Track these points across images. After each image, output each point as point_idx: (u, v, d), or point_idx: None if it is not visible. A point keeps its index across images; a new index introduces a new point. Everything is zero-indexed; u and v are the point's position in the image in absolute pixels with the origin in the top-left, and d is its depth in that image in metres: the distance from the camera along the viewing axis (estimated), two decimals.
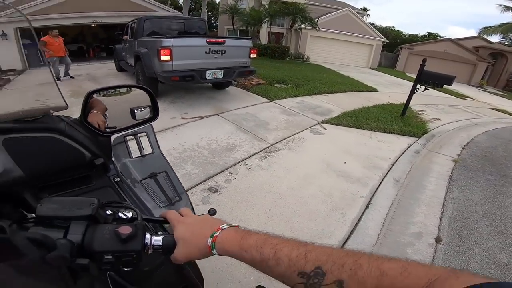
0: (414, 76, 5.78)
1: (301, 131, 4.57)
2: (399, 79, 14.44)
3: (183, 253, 0.48)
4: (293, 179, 3.08)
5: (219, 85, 6.47)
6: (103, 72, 8.46)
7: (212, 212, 0.60)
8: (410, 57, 21.24)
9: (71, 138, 0.68)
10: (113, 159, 0.82)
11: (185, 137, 3.87)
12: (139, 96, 0.82)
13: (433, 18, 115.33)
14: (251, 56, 5.64)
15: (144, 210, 0.79)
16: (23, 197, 0.65)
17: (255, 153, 3.62)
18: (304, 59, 17.48)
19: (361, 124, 5.12)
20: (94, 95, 0.79)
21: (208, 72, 5.02)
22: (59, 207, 0.46)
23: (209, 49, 5.00)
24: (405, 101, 5.90)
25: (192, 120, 4.55)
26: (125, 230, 0.45)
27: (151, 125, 0.92)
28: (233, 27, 17.38)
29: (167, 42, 4.60)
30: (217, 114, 4.87)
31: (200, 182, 2.82)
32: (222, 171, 3.07)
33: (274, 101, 6.08)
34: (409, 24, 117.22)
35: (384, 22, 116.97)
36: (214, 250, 0.46)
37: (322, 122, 5.09)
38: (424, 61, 5.37)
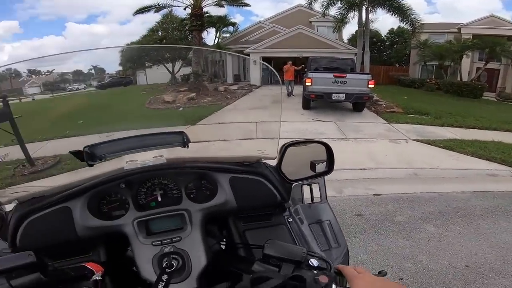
0: None
1: (381, 139, 6.11)
2: None
3: None
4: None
5: (356, 108, 8.75)
6: (300, 92, 10.44)
7: (383, 273, 0.64)
8: None
9: (271, 183, 0.86)
10: (290, 202, 0.96)
11: (305, 127, 6.95)
12: (318, 149, 0.93)
13: None
14: (370, 86, 7.99)
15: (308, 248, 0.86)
16: (228, 222, 0.89)
17: (330, 138, 5.81)
18: None
19: (457, 147, 5.38)
20: (290, 147, 0.90)
21: (333, 94, 7.98)
22: (279, 250, 0.60)
23: (335, 80, 7.95)
24: None
25: (316, 121, 7.52)
26: (324, 279, 0.53)
27: (324, 178, 1.04)
28: (424, 62, 18.22)
29: (310, 74, 8.26)
30: (334, 122, 7.53)
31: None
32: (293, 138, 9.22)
33: (391, 123, 7.48)
34: None
35: None
36: None
37: (413, 139, 6.08)
38: None
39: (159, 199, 0.82)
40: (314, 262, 0.61)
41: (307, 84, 8.18)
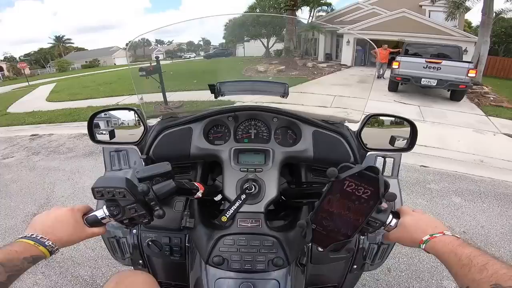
0: None
1: (464, 127, 5.61)
2: None
3: (397, 235, 0.63)
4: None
5: (453, 97, 8.20)
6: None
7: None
8: None
9: (348, 144, 0.94)
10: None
11: (382, 106, 6.82)
12: (402, 125, 0.98)
13: None
14: (470, 75, 7.48)
15: None
16: (299, 170, 0.99)
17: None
18: None
19: None
20: (374, 118, 0.97)
21: (423, 79, 7.72)
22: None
23: (427, 65, 7.72)
24: None
25: (398, 103, 7.43)
26: (386, 203, 0.60)
27: (401, 154, 1.04)
28: None
29: (398, 58, 8.32)
30: (418, 106, 7.11)
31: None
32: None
33: (488, 116, 6.64)
34: None
35: None
36: (423, 245, 0.57)
37: (504, 133, 5.41)
38: None
39: (252, 136, 0.98)
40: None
41: (394, 66, 8.35)
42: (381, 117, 1.00)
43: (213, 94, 1.01)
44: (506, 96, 9.08)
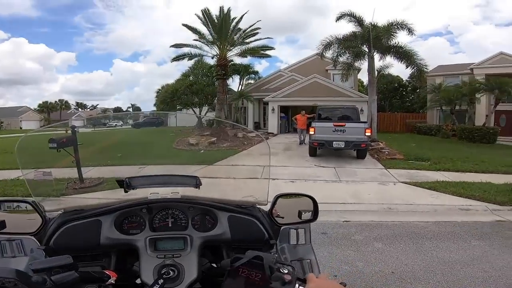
0: None
1: (371, 182, 6.65)
2: None
3: None
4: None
5: (358, 155, 9.19)
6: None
7: (343, 284, 0.70)
8: None
9: (261, 224, 1.04)
10: (277, 241, 1.11)
11: (305, 171, 7.59)
12: (306, 201, 1.10)
13: None
14: (367, 134, 8.69)
15: None
16: (221, 250, 1.05)
17: (325, 180, 6.73)
18: None
19: (441, 188, 5.83)
20: (282, 198, 1.08)
21: (334, 142, 8.64)
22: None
23: (335, 128, 8.66)
24: None
25: (317, 167, 8.15)
26: (287, 276, 0.66)
27: (310, 224, 1.18)
28: (440, 107, 18.26)
29: (313, 123, 9.25)
30: (333, 167, 7.98)
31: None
32: (294, 180, 6.68)
33: (387, 169, 7.83)
34: None
35: None
36: None
37: (401, 182, 6.54)
38: None
39: (170, 225, 1.02)
40: (283, 269, 0.70)
41: (311, 132, 9.22)
42: (288, 196, 1.16)
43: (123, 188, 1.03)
44: (397, 148, 10.88)
